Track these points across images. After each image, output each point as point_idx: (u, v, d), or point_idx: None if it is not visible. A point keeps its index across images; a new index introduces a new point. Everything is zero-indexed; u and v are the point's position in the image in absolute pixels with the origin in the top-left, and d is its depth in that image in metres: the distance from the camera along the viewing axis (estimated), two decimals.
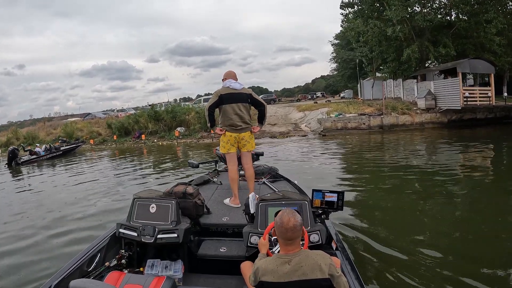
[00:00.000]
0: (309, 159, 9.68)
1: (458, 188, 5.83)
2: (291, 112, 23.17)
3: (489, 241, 3.61)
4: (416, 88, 18.46)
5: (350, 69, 41.20)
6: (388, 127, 15.68)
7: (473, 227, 4.04)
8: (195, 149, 14.53)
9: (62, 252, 3.94)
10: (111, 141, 20.45)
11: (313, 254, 1.57)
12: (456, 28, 18.25)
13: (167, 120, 20.03)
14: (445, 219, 4.34)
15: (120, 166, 11.16)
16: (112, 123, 22.34)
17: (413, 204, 5.02)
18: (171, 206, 2.46)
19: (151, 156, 13.79)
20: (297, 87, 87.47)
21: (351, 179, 7.10)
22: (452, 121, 16.37)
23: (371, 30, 18.97)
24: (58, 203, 6.49)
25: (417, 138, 13.27)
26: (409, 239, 3.73)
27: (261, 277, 1.55)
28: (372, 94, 24.81)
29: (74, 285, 1.57)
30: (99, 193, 7.08)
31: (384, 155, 9.91)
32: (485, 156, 8.86)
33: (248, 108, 3.45)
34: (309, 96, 47.60)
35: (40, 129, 26.60)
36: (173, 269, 2.39)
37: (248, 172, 3.48)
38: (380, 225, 4.27)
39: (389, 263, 3.20)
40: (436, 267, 3.07)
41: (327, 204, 2.42)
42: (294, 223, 1.58)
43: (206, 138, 17.71)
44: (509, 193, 5.45)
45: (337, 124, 15.74)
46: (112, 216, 5.11)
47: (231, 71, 3.51)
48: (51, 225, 5.07)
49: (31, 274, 3.41)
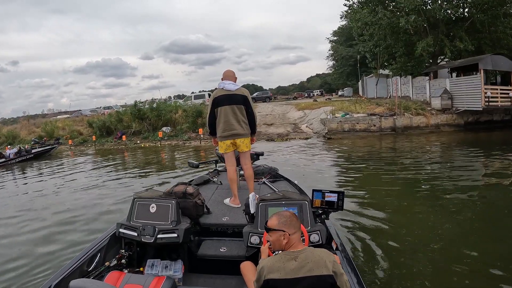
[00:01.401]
0: (324, 177, 7.22)
1: (466, 195, 5.41)
2: (289, 110, 21.38)
3: (495, 246, 3.49)
4: (429, 86, 16.71)
5: (349, 66, 39.69)
6: (401, 129, 13.91)
7: (478, 234, 3.89)
8: (181, 152, 12.49)
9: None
10: (91, 141, 18.39)
11: (318, 251, 1.58)
12: (472, 22, 16.59)
13: (152, 119, 17.99)
14: (447, 221, 4.29)
15: (79, 181, 8.90)
16: (94, 121, 20.34)
17: (415, 206, 4.93)
18: (171, 206, 2.44)
19: (126, 164, 11.73)
20: (292, 85, 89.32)
21: (352, 179, 6.95)
22: (469, 123, 14.84)
23: (379, 20, 17.10)
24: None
25: (435, 142, 11.60)
26: (409, 240, 3.75)
27: (267, 275, 1.53)
28: (376, 92, 23.14)
29: (74, 285, 1.54)
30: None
31: (397, 159, 8.88)
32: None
33: (243, 110, 3.30)
34: (305, 94, 46.60)
35: (23, 128, 24.65)
36: (173, 269, 2.36)
37: (247, 172, 3.41)
38: (381, 225, 4.24)
39: (389, 263, 3.21)
40: (436, 267, 3.09)
41: (327, 204, 2.40)
42: (289, 213, 1.71)
43: (194, 139, 15.70)
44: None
45: (344, 126, 13.88)
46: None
47: (229, 70, 3.42)
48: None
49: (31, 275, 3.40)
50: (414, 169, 7.57)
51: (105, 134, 19.18)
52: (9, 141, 20.49)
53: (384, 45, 18.89)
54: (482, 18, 16.03)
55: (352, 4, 19.70)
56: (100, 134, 19.11)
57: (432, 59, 17.76)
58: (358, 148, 11.00)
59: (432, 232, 3.93)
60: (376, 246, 3.61)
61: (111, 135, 18.89)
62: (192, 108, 17.54)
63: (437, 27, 16.61)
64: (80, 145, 18.84)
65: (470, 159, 8.48)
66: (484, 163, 8.02)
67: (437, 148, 10.55)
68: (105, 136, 19.02)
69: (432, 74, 17.20)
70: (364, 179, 7.00)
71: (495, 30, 16.59)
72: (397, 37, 18.11)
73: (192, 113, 17.01)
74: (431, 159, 8.83)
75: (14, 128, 24.76)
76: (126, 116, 19.02)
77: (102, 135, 19.08)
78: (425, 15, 16.12)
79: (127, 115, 18.96)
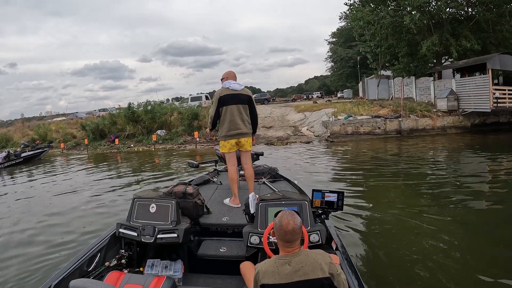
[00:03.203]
0: (331, 183, 6.90)
1: (470, 197, 5.26)
2: (289, 113, 20.74)
3: (502, 251, 3.42)
4: (433, 87, 16.15)
5: (349, 67, 39.18)
6: (406, 132, 13.31)
7: (483, 236, 3.84)
8: (177, 157, 11.79)
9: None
10: (84, 145, 17.67)
11: (313, 254, 1.54)
12: (476, 21, 16.06)
13: (146, 122, 17.28)
14: (448, 223, 4.24)
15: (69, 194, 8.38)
16: (87, 124, 19.64)
17: (417, 208, 4.84)
18: (171, 206, 2.43)
19: (115, 169, 11.04)
20: (290, 87, 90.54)
21: (353, 180, 6.89)
22: (475, 125, 14.32)
23: (382, 19, 16.53)
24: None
25: (443, 146, 10.99)
26: (410, 240, 3.73)
27: (261, 279, 1.52)
28: (377, 94, 22.56)
29: (74, 285, 1.54)
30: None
31: (403, 163, 8.45)
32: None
33: (247, 110, 3.32)
34: (304, 96, 46.15)
35: (17, 131, 24.13)
36: (173, 269, 2.36)
37: (248, 172, 3.41)
38: (381, 226, 4.21)
39: (389, 263, 3.23)
40: (435, 268, 3.07)
41: (327, 204, 2.39)
42: (293, 226, 1.54)
43: (190, 143, 15.01)
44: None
45: (347, 128, 13.24)
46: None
47: (230, 71, 3.42)
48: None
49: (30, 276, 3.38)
50: (420, 172, 7.28)
51: (99, 137, 18.47)
52: (2, 144, 19.73)
53: (386, 45, 18.33)
54: (488, 16, 15.53)
55: (354, 3, 19.16)
56: (94, 137, 18.42)
57: (436, 59, 17.21)
58: (364, 152, 10.38)
59: (433, 233, 3.89)
60: (376, 246, 3.63)
61: (104, 138, 18.19)
62: (187, 110, 16.80)
63: (442, 26, 16.08)
64: (72, 148, 18.16)
65: (481, 163, 8.05)
66: (491, 167, 7.61)
67: (446, 152, 9.95)
68: (98, 139, 18.32)
69: (436, 74, 16.65)
70: (367, 181, 6.75)
71: (501, 29, 16.07)
72: (399, 37, 17.56)
73: (187, 116, 16.31)
74: (438, 163, 8.34)
75: (8, 130, 24.19)
76: (120, 119, 18.31)
77: (95, 138, 18.39)
78: (430, 13, 15.57)
79: (121, 117, 18.24)
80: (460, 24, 16.36)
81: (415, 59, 17.32)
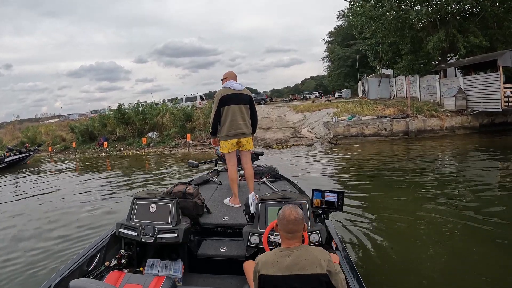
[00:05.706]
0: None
1: (471, 201, 5.07)
2: (287, 113, 19.92)
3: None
4: (439, 86, 15.41)
5: (347, 67, 38.57)
6: (414, 133, 12.53)
7: (484, 237, 3.69)
8: (168, 161, 10.87)
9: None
10: (72, 148, 16.70)
11: (313, 249, 1.55)
12: (482, 17, 15.38)
13: (137, 124, 16.34)
14: (450, 224, 4.12)
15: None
16: (76, 126, 18.67)
17: (419, 209, 4.73)
18: (171, 206, 2.43)
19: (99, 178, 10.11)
20: (286, 87, 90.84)
21: (354, 180, 6.84)
22: (483, 125, 13.63)
23: (385, 14, 15.77)
24: None
25: (456, 147, 10.23)
26: (410, 241, 3.69)
27: (260, 270, 1.51)
28: (378, 93, 21.85)
29: (74, 285, 1.53)
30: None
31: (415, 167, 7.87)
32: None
33: (248, 110, 3.32)
34: (301, 96, 45.46)
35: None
36: (173, 269, 2.35)
37: (248, 171, 3.39)
38: (381, 226, 4.17)
39: (389, 263, 3.21)
40: (435, 268, 3.06)
41: (327, 204, 2.38)
42: (295, 216, 1.57)
43: (182, 146, 14.09)
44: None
45: (351, 130, 12.42)
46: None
47: (231, 71, 3.44)
48: None
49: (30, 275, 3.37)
50: (425, 174, 7.00)
51: (88, 140, 17.52)
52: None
53: (389, 42, 17.60)
54: (496, 11, 14.86)
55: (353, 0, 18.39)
56: (83, 140, 17.48)
57: (442, 57, 16.50)
58: (372, 156, 9.56)
59: (435, 234, 3.86)
60: (376, 246, 3.60)
61: (94, 141, 17.25)
62: (180, 111, 15.85)
63: (448, 22, 15.36)
64: (61, 152, 17.19)
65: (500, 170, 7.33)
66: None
67: (459, 156, 9.19)
68: (87, 142, 17.37)
69: (442, 72, 15.93)
70: (371, 183, 6.51)
71: (509, 25, 15.43)
72: (402, 33, 16.84)
73: (180, 117, 15.38)
74: (458, 172, 7.51)
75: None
76: (110, 121, 17.37)
77: (84, 141, 17.44)
78: (437, 7, 14.84)
79: (111, 119, 17.30)
80: (465, 20, 15.68)
81: (419, 57, 16.60)
